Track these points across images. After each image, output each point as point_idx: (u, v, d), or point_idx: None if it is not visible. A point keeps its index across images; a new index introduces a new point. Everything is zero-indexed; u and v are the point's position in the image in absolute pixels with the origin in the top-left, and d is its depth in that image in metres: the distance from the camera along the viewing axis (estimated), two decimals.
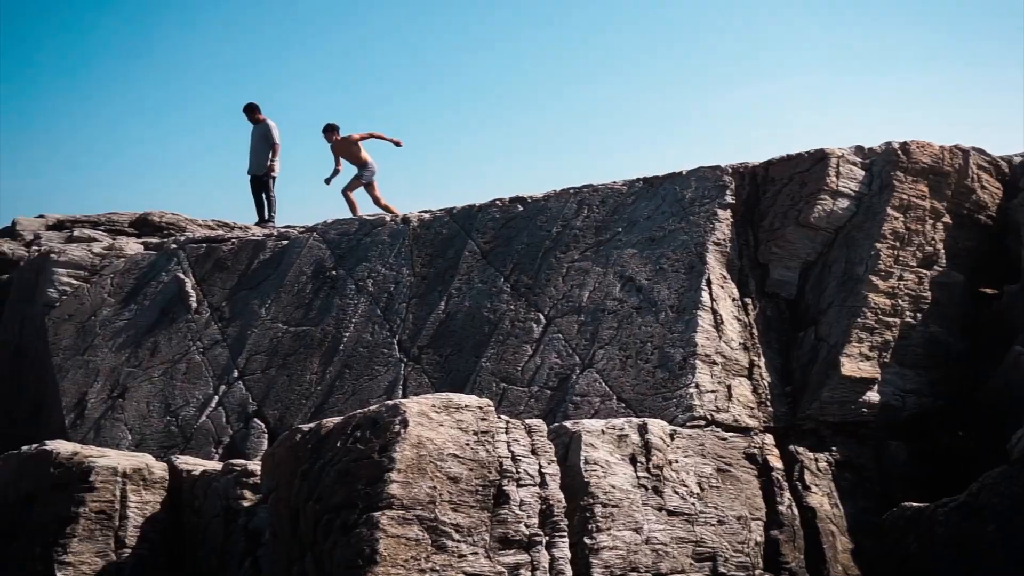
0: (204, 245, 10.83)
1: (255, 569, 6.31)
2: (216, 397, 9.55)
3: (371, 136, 14.00)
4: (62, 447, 6.96)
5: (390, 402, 6.04)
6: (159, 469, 7.03)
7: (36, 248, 13.49)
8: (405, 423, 5.81)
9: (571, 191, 9.70)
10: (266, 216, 14.04)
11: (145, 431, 9.45)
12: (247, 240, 10.76)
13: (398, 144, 14.06)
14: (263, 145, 13.88)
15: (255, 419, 9.31)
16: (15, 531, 6.63)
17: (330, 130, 13.89)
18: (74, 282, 10.67)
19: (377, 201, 14.11)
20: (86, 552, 6.45)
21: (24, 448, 7.16)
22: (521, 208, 9.81)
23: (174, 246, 10.94)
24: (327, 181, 14.11)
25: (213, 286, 10.43)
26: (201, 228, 15.08)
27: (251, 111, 13.98)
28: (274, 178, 13.99)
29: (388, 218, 10.37)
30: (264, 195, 14.02)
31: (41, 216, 15.24)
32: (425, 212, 10.35)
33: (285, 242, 10.57)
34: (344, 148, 13.92)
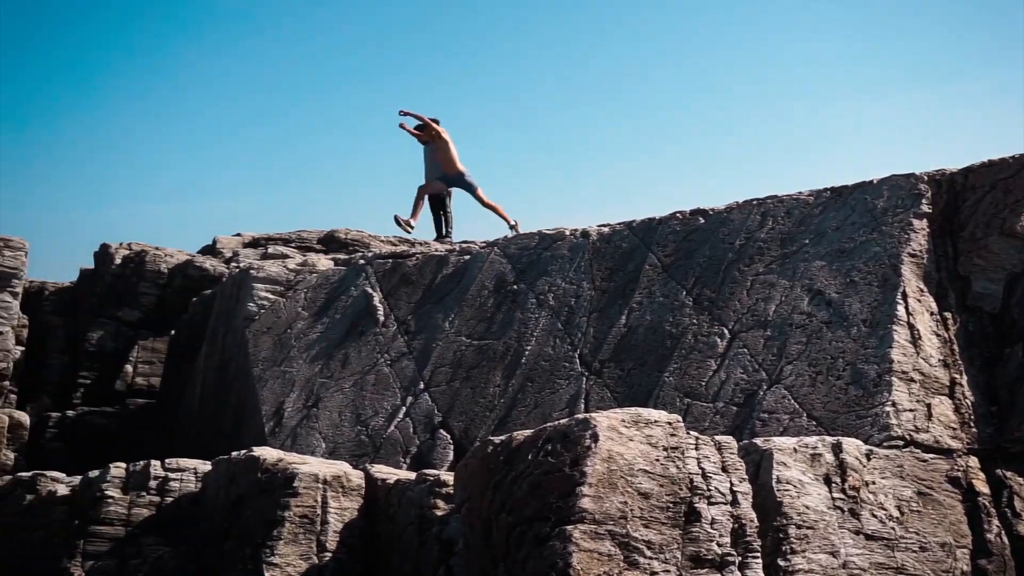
0: (390, 261, 11.22)
1: None
2: (403, 408, 9.87)
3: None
4: (268, 454, 7.36)
5: (580, 416, 6.08)
6: (356, 477, 7.32)
7: (235, 264, 14.37)
8: (596, 437, 5.83)
9: (754, 202, 9.49)
10: (444, 232, 14.43)
11: (337, 440, 9.86)
12: (431, 255, 11.09)
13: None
14: (437, 162, 14.31)
15: (440, 430, 9.56)
16: (228, 531, 7.06)
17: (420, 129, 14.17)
18: (271, 297, 11.27)
19: (423, 190, 14.20)
20: (291, 554, 6.79)
21: (234, 454, 7.62)
22: (703, 220, 9.68)
23: (362, 262, 11.39)
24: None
25: (399, 300, 10.80)
26: (383, 244, 15.66)
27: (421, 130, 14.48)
28: (451, 193, 14.36)
29: (567, 232, 10.45)
30: (442, 211, 14.41)
31: (238, 234, 16.23)
32: (604, 226, 10.37)
33: (467, 257, 10.82)
34: (438, 151, 14.29)
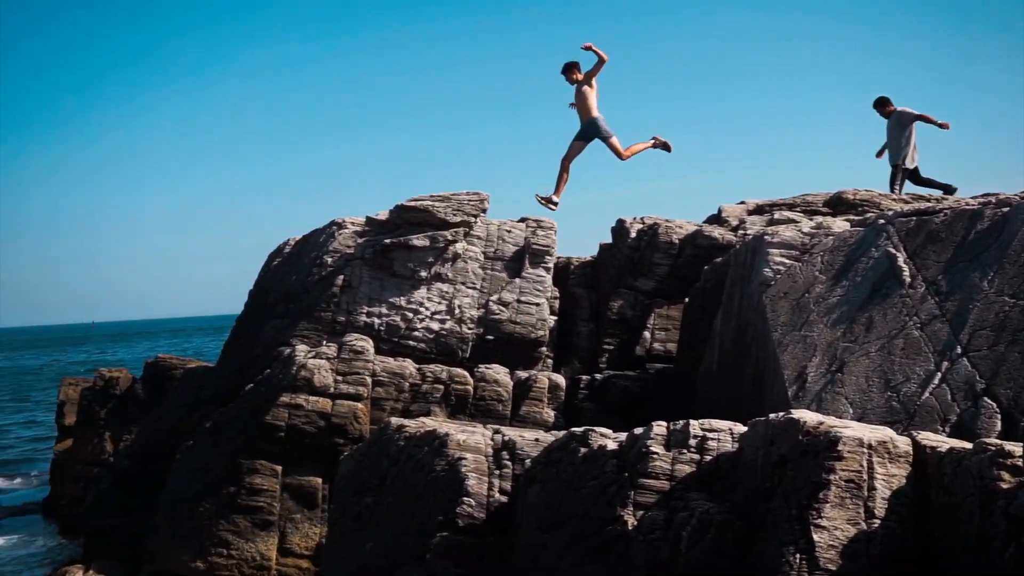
0: (913, 219, 10.57)
1: (1020, 555, 5.94)
2: (939, 374, 9.26)
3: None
4: (808, 417, 7.33)
5: None
6: (903, 443, 7.01)
7: (743, 232, 14.54)
8: None
9: None
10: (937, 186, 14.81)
11: (866, 406, 9.54)
12: (961, 210, 10.24)
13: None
14: (898, 132, 15.00)
15: (984, 398, 8.82)
16: (771, 491, 7.17)
17: (569, 69, 12.45)
18: (787, 261, 11.20)
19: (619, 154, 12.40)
20: (838, 518, 6.70)
21: (771, 416, 7.70)
22: None
23: (882, 221, 10.86)
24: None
25: (926, 260, 10.13)
26: (896, 203, 14.83)
27: (881, 105, 15.15)
28: (904, 159, 14.96)
29: None
30: (899, 181, 15.06)
31: (742, 203, 16.40)
32: None
33: (1005, 209, 9.82)
34: (578, 97, 12.41)
